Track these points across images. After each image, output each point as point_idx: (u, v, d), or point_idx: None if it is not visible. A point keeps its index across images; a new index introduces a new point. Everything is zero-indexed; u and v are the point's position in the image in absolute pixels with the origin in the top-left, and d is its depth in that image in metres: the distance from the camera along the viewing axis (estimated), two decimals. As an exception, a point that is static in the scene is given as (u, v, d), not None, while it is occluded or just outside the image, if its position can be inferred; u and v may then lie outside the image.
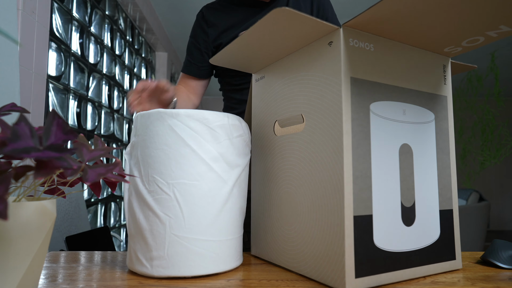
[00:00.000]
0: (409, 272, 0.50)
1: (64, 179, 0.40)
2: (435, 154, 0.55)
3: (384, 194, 0.49)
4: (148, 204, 0.51)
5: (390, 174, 0.50)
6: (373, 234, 0.47)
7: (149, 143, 0.52)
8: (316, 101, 0.51)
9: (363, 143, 0.47)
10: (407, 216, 0.50)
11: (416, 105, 0.54)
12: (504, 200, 5.94)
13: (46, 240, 0.37)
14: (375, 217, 0.47)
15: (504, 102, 5.41)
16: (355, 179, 0.46)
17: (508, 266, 0.56)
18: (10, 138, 0.30)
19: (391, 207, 0.49)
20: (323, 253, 0.47)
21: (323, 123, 0.49)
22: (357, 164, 0.46)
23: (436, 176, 0.55)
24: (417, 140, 0.53)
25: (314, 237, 0.49)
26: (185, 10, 3.06)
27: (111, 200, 2.44)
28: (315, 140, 0.51)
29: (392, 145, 0.50)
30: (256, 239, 0.64)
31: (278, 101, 0.60)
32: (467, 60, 4.19)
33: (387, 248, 0.48)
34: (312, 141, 0.51)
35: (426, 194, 0.53)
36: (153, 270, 0.50)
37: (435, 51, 0.57)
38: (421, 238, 0.52)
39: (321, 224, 0.48)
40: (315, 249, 0.49)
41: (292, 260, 0.53)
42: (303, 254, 0.51)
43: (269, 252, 0.60)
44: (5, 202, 0.27)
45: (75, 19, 1.91)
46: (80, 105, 1.97)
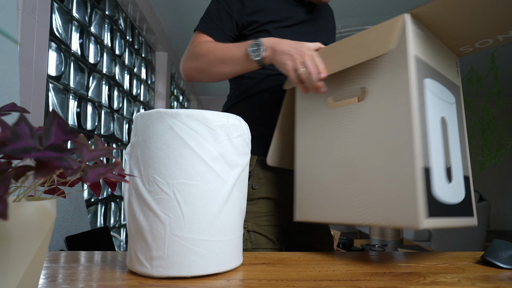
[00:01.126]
0: (453, 221, 0.60)
1: (64, 179, 0.40)
2: (458, 130, 0.67)
3: (435, 152, 0.58)
4: (148, 204, 0.51)
5: (437, 138, 0.60)
6: (431, 184, 0.56)
7: (149, 143, 0.52)
8: (379, 75, 0.62)
9: (421, 110, 0.57)
10: (448, 174, 0.61)
11: (447, 89, 0.67)
12: (504, 200, 5.94)
13: (46, 240, 0.37)
14: (431, 170, 0.57)
15: (504, 102, 5.41)
16: (420, 138, 0.56)
17: (508, 266, 0.56)
18: (10, 138, 0.30)
19: (440, 164, 0.59)
20: (394, 201, 0.56)
21: (389, 92, 0.60)
22: (420, 125, 0.56)
23: (459, 147, 0.66)
24: (449, 115, 0.65)
25: (383, 189, 0.58)
26: (185, 10, 3.05)
27: (111, 200, 2.44)
28: (380, 108, 0.60)
29: (436, 115, 0.61)
30: (305, 204, 0.70)
31: (329, 79, 0.70)
32: (468, 60, 4.19)
33: (438, 197, 0.57)
34: (377, 108, 0.61)
35: (456, 160, 0.64)
36: (153, 270, 0.50)
37: (452, 49, 0.70)
38: (456, 194, 0.62)
39: (390, 176, 0.57)
40: (384, 199, 0.57)
41: (355, 214, 0.61)
42: (369, 206, 0.60)
43: (321, 213, 0.67)
44: (5, 202, 0.27)
45: (75, 19, 1.91)
46: (80, 105, 1.97)
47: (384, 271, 0.54)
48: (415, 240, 3.63)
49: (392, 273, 0.54)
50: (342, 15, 3.12)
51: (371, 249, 2.02)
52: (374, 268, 0.57)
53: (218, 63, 0.81)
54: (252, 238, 0.86)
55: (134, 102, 2.91)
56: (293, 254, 0.67)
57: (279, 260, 0.62)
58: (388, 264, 0.59)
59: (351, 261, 0.61)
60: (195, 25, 0.96)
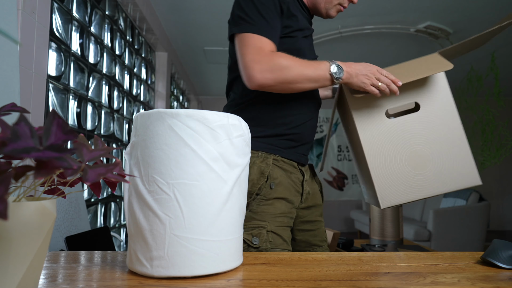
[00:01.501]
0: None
1: (64, 179, 0.40)
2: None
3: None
4: (148, 204, 0.51)
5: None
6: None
7: (149, 143, 0.52)
8: (426, 93, 0.93)
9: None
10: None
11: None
12: (504, 200, 5.94)
13: (46, 240, 0.37)
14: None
15: (504, 102, 5.41)
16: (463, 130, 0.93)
17: (508, 266, 0.56)
18: (10, 138, 0.30)
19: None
20: (458, 172, 0.91)
21: (437, 104, 0.93)
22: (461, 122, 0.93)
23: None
24: None
25: (449, 167, 0.91)
26: (185, 10, 3.06)
27: (111, 200, 2.44)
28: (434, 115, 0.92)
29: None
30: (386, 194, 0.93)
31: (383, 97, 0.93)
32: (468, 61, 4.19)
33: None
34: (432, 115, 0.92)
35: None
36: (153, 270, 0.50)
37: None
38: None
39: (452, 157, 0.91)
40: (450, 172, 0.91)
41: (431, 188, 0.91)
42: (441, 179, 0.91)
43: (405, 195, 0.92)
44: (5, 202, 0.27)
45: (75, 19, 1.91)
46: (80, 105, 1.97)
47: (384, 271, 0.54)
48: (415, 240, 3.63)
49: (392, 273, 0.54)
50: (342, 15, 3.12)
51: (371, 249, 2.02)
52: (374, 268, 0.57)
53: (303, 79, 0.86)
54: (270, 238, 0.87)
55: (134, 102, 2.91)
56: (293, 254, 0.67)
57: (279, 260, 0.62)
58: (388, 264, 0.59)
59: (351, 261, 0.61)
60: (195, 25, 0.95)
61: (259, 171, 0.89)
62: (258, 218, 0.88)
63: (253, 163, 0.90)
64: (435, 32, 3.36)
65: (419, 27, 3.26)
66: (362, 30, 3.31)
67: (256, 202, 0.89)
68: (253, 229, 0.87)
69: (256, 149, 0.91)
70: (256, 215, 0.88)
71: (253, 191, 0.88)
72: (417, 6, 2.92)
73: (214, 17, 3.15)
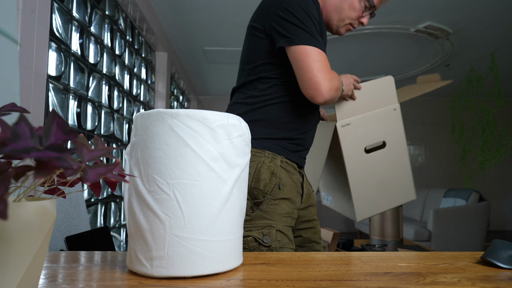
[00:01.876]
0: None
1: (64, 179, 0.40)
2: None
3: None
4: (148, 204, 0.51)
5: None
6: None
7: (149, 143, 0.52)
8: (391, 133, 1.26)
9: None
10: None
11: None
12: (504, 200, 5.94)
13: (46, 240, 0.37)
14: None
15: (504, 102, 5.41)
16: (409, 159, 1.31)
17: (508, 266, 0.56)
18: (10, 138, 0.30)
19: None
20: (403, 191, 1.29)
21: (396, 142, 1.27)
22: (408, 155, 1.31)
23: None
24: None
25: (398, 187, 1.28)
26: (185, 10, 3.06)
27: (111, 200, 2.44)
28: (392, 150, 1.26)
29: None
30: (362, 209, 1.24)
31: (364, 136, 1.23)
32: (468, 60, 4.19)
33: None
34: (391, 151, 1.26)
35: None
36: (153, 270, 0.50)
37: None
38: None
39: (400, 179, 1.28)
40: (399, 191, 1.28)
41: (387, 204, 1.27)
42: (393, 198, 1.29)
43: (371, 211, 1.26)
44: (5, 202, 0.27)
45: (75, 19, 1.91)
46: (80, 105, 1.97)
47: (384, 271, 0.54)
48: (415, 240, 3.63)
49: (392, 273, 0.54)
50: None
51: (371, 249, 2.02)
52: (374, 268, 0.57)
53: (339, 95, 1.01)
54: (278, 237, 0.89)
55: (134, 102, 2.92)
56: (293, 254, 0.67)
57: (279, 260, 0.62)
58: (388, 264, 0.59)
59: (351, 261, 0.61)
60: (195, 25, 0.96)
61: (270, 171, 0.91)
62: (268, 217, 0.89)
63: (262, 163, 0.91)
64: (435, 32, 3.36)
65: (419, 27, 3.26)
66: (362, 30, 3.31)
67: (266, 201, 0.90)
68: (263, 228, 0.88)
69: (264, 148, 0.93)
70: (266, 214, 0.89)
71: (266, 190, 0.89)
72: (417, 6, 2.92)
73: (214, 17, 3.15)
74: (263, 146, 0.93)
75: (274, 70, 0.97)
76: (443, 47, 3.78)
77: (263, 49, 0.97)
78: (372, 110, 1.23)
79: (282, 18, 0.91)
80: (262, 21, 0.96)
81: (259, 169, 0.90)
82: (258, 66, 0.98)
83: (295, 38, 0.90)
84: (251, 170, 0.90)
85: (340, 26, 1.06)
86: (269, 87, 0.97)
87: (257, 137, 0.94)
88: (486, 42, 3.70)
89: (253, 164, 0.91)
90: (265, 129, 0.95)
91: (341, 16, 1.03)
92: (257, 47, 0.98)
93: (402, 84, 5.21)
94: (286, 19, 0.91)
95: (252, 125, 0.95)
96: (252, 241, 0.86)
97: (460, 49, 3.87)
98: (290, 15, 0.90)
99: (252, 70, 0.99)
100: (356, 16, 1.04)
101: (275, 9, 0.93)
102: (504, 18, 3.15)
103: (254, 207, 0.90)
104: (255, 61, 0.98)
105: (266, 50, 0.96)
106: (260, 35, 0.97)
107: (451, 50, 3.84)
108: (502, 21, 3.22)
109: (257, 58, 0.98)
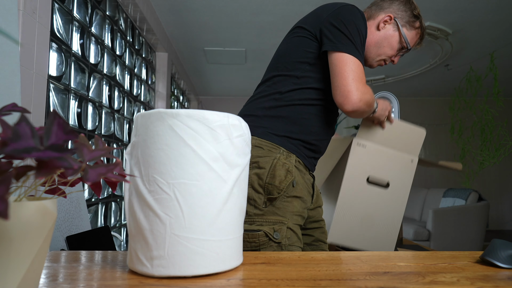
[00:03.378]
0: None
1: (64, 179, 0.40)
2: None
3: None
4: (149, 204, 0.51)
5: None
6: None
7: (149, 143, 0.52)
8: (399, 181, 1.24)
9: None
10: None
11: None
12: (503, 200, 5.94)
13: (47, 240, 0.37)
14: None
15: (503, 102, 5.40)
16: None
17: (507, 265, 0.56)
18: (11, 138, 0.30)
19: None
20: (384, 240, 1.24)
21: (400, 190, 1.23)
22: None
23: None
24: None
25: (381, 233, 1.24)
26: (185, 11, 3.06)
27: (112, 200, 2.44)
28: (393, 196, 1.23)
29: None
30: (336, 233, 1.20)
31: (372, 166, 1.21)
32: (467, 60, 4.19)
33: None
34: (391, 196, 1.23)
35: None
36: (154, 270, 0.50)
37: None
38: None
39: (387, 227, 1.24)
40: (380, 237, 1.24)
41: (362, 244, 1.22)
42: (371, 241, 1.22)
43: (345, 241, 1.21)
44: (6, 202, 0.27)
45: (76, 20, 1.91)
46: (81, 105, 1.97)
47: (384, 271, 0.55)
48: (414, 240, 3.63)
49: (392, 272, 0.54)
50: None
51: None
52: (373, 267, 0.57)
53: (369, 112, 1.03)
54: (288, 235, 0.90)
55: (135, 102, 2.92)
56: (293, 253, 0.67)
57: (279, 259, 0.62)
58: (388, 264, 0.59)
59: (351, 261, 0.61)
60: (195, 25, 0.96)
61: (285, 169, 0.92)
62: (280, 213, 0.90)
63: (278, 159, 0.92)
64: (434, 32, 3.36)
65: (419, 27, 3.26)
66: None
67: (280, 198, 0.91)
68: (274, 224, 0.89)
69: (280, 145, 0.94)
70: (278, 211, 0.90)
71: (281, 187, 0.90)
72: (417, 6, 2.92)
73: (214, 17, 3.15)
74: (280, 143, 0.95)
75: (310, 72, 0.99)
76: (442, 47, 3.79)
77: (306, 49, 0.99)
78: (392, 149, 1.21)
79: (333, 26, 0.95)
80: (313, 24, 0.99)
81: (274, 165, 0.91)
82: (296, 63, 1.00)
83: (340, 45, 0.93)
84: (267, 166, 0.90)
85: (375, 60, 1.11)
86: (299, 88, 0.99)
87: (277, 133, 0.96)
88: (485, 43, 3.70)
89: (269, 160, 0.91)
90: (287, 127, 0.97)
91: (379, 51, 1.09)
92: (300, 45, 1.01)
93: (402, 83, 5.21)
94: (337, 27, 0.95)
95: (274, 120, 0.97)
96: (262, 236, 0.86)
97: (460, 49, 3.87)
98: (341, 25, 0.95)
99: (288, 65, 1.01)
100: (391, 54, 1.11)
101: (329, 17, 0.97)
102: (503, 18, 3.15)
103: (267, 202, 0.90)
104: (294, 58, 1.00)
105: (309, 51, 0.99)
106: (307, 36, 1.00)
107: (451, 50, 3.84)
108: (501, 22, 3.22)
109: (297, 55, 1.00)
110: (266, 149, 0.93)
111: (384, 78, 4.96)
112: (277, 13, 3.08)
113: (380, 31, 1.09)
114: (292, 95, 0.98)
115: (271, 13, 3.08)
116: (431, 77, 4.90)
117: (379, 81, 5.04)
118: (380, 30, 1.09)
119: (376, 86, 5.19)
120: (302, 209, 0.95)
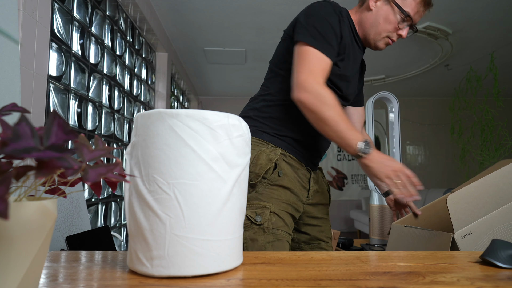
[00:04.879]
0: None
1: (64, 179, 0.40)
2: None
3: None
4: (149, 204, 0.51)
5: None
6: None
7: (149, 143, 0.52)
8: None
9: None
10: None
11: None
12: (504, 200, 5.92)
13: (47, 240, 0.37)
14: None
15: (503, 102, 5.41)
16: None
17: (507, 265, 0.56)
18: (11, 138, 0.30)
19: None
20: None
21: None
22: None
23: None
24: None
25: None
26: (185, 11, 3.06)
27: (112, 200, 2.44)
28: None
29: None
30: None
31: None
32: (466, 61, 4.19)
33: None
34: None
35: None
36: (154, 270, 0.50)
37: None
38: None
39: None
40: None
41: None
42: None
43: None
44: (6, 202, 0.27)
45: (76, 20, 1.91)
46: (81, 105, 1.97)
47: (384, 271, 0.55)
48: (415, 240, 3.62)
49: (392, 272, 0.54)
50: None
51: (370, 248, 2.02)
52: (373, 267, 0.57)
53: (333, 127, 0.90)
54: (272, 219, 0.93)
55: (135, 102, 2.92)
56: (293, 253, 0.67)
57: (279, 259, 0.62)
58: (388, 264, 0.59)
59: (351, 260, 0.61)
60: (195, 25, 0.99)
61: (268, 158, 0.96)
62: (263, 199, 0.94)
63: (262, 151, 0.97)
64: (434, 33, 3.36)
65: (419, 27, 3.26)
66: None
67: (263, 185, 0.95)
68: (257, 208, 0.93)
69: (269, 141, 1.00)
70: (261, 196, 0.94)
71: (260, 173, 0.94)
72: (417, 6, 2.92)
73: (214, 17, 3.15)
74: (270, 139, 1.00)
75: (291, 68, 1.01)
76: (442, 47, 3.78)
77: (285, 47, 1.03)
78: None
79: (300, 21, 0.98)
80: (290, 25, 1.03)
81: (258, 156, 0.96)
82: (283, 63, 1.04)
83: (301, 36, 0.94)
84: (251, 157, 0.94)
85: (377, 40, 1.07)
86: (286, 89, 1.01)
87: (267, 131, 1.01)
88: (485, 43, 3.70)
89: (254, 152, 0.96)
90: (276, 126, 1.01)
91: (377, 30, 1.06)
92: (283, 47, 1.05)
93: (402, 83, 5.21)
94: (302, 21, 0.97)
95: (265, 120, 1.02)
96: (245, 219, 0.90)
97: (459, 49, 3.87)
98: (309, 18, 0.96)
99: (276, 67, 1.07)
100: (392, 28, 1.05)
101: (300, 14, 1.00)
102: (503, 18, 3.15)
103: (250, 189, 0.95)
104: (280, 59, 1.05)
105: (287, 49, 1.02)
106: (287, 38, 1.04)
107: (450, 50, 3.84)
108: (501, 22, 3.22)
109: (282, 58, 1.05)
110: (254, 144, 0.98)
111: (384, 78, 4.96)
112: (277, 13, 3.08)
113: (372, 10, 1.05)
114: (280, 95, 1.03)
115: (271, 13, 3.08)
116: (431, 77, 4.90)
117: (379, 81, 5.04)
118: (372, 10, 1.05)
119: (376, 86, 5.19)
120: (292, 199, 0.98)
